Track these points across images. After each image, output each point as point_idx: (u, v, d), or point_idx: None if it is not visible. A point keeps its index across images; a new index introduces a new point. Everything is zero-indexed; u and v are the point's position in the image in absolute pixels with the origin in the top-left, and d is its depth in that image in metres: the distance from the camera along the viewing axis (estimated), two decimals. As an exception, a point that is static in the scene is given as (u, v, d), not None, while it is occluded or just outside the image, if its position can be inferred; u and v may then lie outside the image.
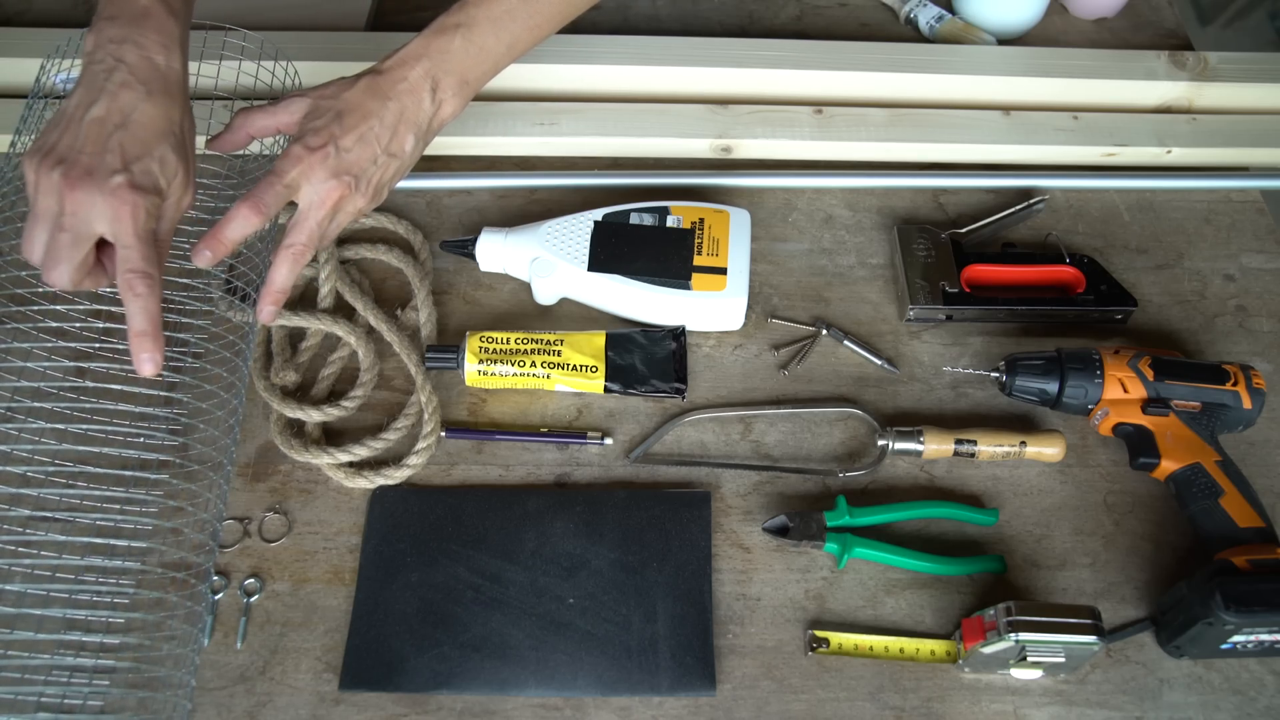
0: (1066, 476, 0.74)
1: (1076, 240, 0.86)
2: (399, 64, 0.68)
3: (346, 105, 0.65)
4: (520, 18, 0.71)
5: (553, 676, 0.64)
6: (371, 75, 0.67)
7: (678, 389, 0.76)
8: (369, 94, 0.66)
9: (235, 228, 0.61)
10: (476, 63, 0.70)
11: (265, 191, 0.62)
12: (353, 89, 0.66)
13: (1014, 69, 0.93)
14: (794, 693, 0.65)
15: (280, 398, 0.74)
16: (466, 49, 0.69)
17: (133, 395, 0.66)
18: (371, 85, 0.67)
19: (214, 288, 0.75)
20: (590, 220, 0.80)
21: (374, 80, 0.67)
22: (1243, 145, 0.91)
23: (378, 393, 0.77)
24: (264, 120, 0.67)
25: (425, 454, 0.72)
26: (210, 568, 0.66)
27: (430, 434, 0.73)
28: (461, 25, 0.69)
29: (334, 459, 0.72)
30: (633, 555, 0.68)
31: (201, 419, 0.69)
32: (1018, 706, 0.64)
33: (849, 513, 0.69)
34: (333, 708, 0.64)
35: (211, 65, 0.73)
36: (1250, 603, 0.60)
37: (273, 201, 0.62)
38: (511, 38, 0.71)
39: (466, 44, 0.69)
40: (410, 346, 0.77)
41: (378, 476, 0.72)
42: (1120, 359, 0.73)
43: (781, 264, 0.84)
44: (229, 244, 0.61)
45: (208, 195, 0.72)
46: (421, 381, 0.75)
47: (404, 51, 0.68)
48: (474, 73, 0.70)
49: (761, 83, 0.92)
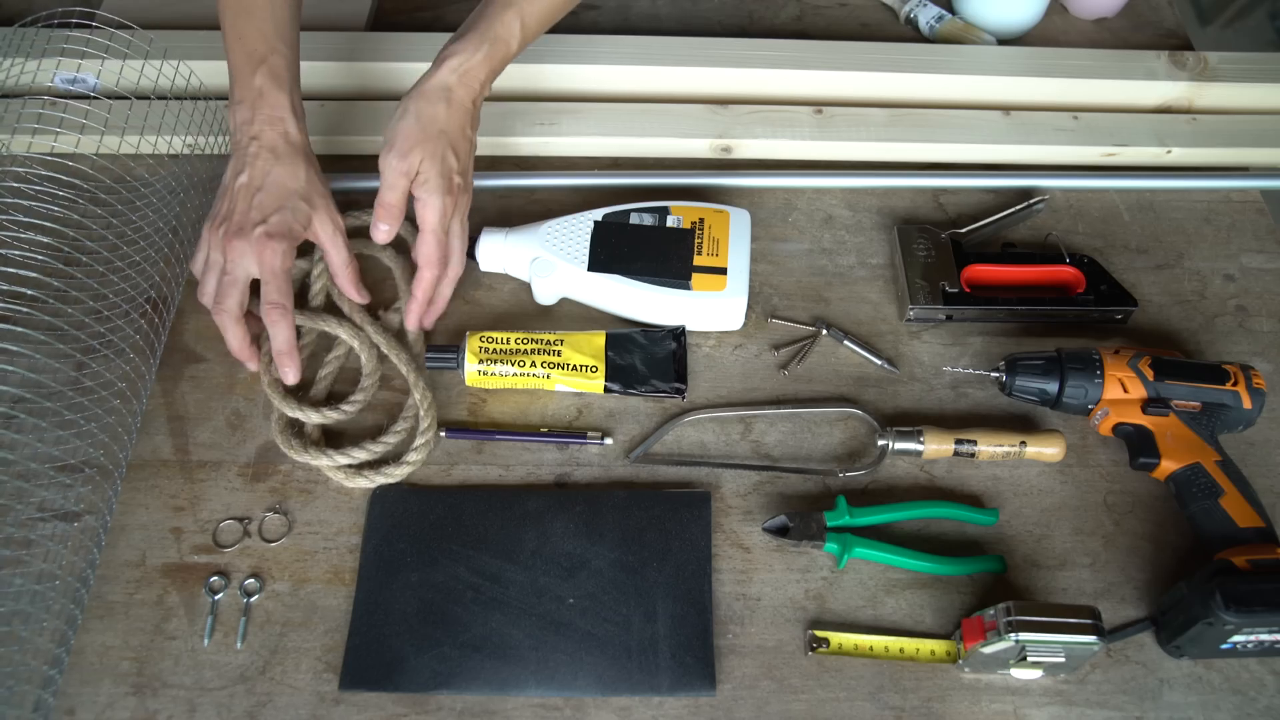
0: (1066, 476, 0.74)
1: (1076, 240, 0.86)
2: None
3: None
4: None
5: (553, 676, 0.64)
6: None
7: (678, 389, 0.76)
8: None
9: (440, 289, 0.78)
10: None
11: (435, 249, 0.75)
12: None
13: (1014, 69, 0.93)
14: (794, 693, 0.65)
15: (281, 395, 0.74)
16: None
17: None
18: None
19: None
20: (590, 220, 0.80)
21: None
22: (1243, 145, 0.91)
23: (377, 393, 0.77)
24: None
25: (423, 451, 0.72)
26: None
27: (427, 431, 0.73)
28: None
29: (333, 461, 0.72)
30: (633, 555, 0.68)
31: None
32: (1018, 706, 0.64)
33: (849, 513, 0.69)
34: (333, 708, 0.64)
35: (115, 63, 0.79)
36: (1250, 603, 0.60)
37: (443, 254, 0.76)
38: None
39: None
40: (399, 346, 0.77)
41: (378, 475, 0.72)
42: (1120, 359, 0.73)
43: (781, 264, 0.84)
44: (441, 306, 0.79)
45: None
46: (415, 379, 0.75)
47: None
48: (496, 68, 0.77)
49: (761, 83, 0.93)
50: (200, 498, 0.72)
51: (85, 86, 0.88)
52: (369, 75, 0.92)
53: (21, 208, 0.70)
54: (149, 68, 0.81)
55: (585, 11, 1.01)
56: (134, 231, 0.78)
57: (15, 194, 0.71)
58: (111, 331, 0.73)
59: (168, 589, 0.68)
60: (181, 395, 0.76)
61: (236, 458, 0.73)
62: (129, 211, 0.79)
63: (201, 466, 0.73)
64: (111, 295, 0.74)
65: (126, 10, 0.87)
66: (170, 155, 0.85)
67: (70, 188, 0.75)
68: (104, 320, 0.74)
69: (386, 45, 0.94)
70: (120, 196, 0.80)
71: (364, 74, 0.92)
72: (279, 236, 0.71)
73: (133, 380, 0.73)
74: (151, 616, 0.67)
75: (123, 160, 0.82)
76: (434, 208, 0.73)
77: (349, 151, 0.90)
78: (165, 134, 0.83)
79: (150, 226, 0.79)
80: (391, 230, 0.75)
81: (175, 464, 0.73)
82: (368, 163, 0.89)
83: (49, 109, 0.82)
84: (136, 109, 0.84)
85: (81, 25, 0.79)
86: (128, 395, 0.72)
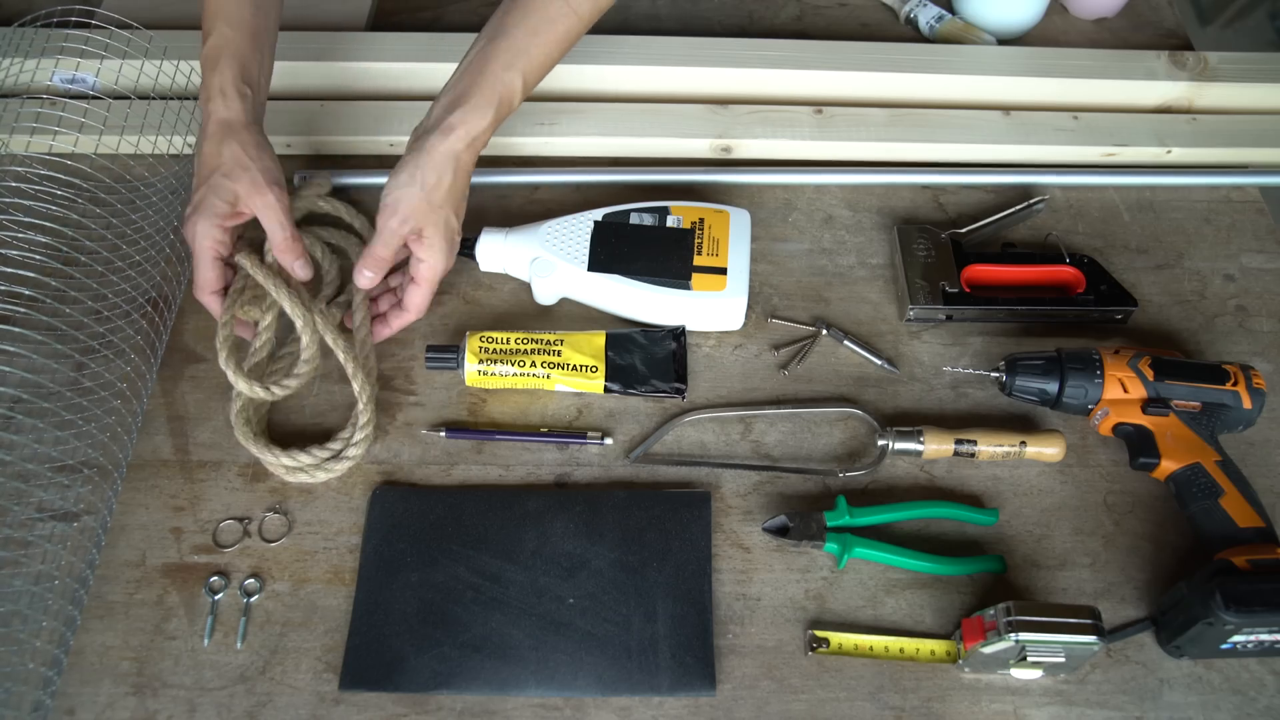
0: (1066, 476, 0.74)
1: (1076, 240, 0.86)
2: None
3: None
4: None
5: (553, 676, 0.64)
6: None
7: (678, 389, 0.76)
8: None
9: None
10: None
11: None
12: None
13: (1014, 69, 0.93)
14: (794, 693, 0.65)
15: (226, 338, 0.72)
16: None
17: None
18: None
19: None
20: (590, 220, 0.80)
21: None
22: (1243, 145, 0.91)
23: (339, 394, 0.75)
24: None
25: (363, 445, 0.72)
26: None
27: (367, 425, 0.72)
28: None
29: (275, 459, 0.71)
30: (633, 555, 0.68)
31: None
32: (1018, 706, 0.64)
33: (849, 513, 0.69)
34: (333, 708, 0.64)
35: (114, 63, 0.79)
36: (1250, 603, 0.60)
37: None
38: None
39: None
40: (336, 331, 0.74)
41: (319, 471, 0.71)
42: (1120, 359, 0.73)
43: (781, 264, 0.84)
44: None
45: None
46: (353, 370, 0.73)
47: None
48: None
49: (761, 83, 0.92)
50: (200, 498, 0.72)
51: (84, 85, 0.88)
52: (369, 75, 0.92)
53: (21, 207, 0.70)
54: (149, 66, 0.81)
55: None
56: (134, 231, 0.78)
57: (14, 193, 0.71)
58: (112, 332, 0.73)
59: (168, 589, 0.68)
60: (181, 395, 0.76)
61: (236, 458, 0.73)
62: (129, 211, 0.80)
63: (201, 466, 0.73)
64: (111, 295, 0.74)
65: (126, 10, 0.87)
66: (170, 155, 0.85)
67: (70, 187, 0.75)
68: (104, 320, 0.74)
69: (387, 45, 0.94)
70: (120, 196, 0.80)
71: (364, 74, 0.92)
72: (195, 215, 0.71)
73: (133, 380, 0.73)
74: (151, 616, 0.67)
75: (122, 160, 0.82)
76: (434, 267, 0.74)
77: (349, 151, 0.90)
78: (165, 133, 0.83)
79: (150, 226, 0.79)
80: (375, 279, 0.75)
81: (175, 464, 0.73)
82: (366, 162, 0.89)
83: (48, 108, 0.82)
84: (136, 108, 0.84)
85: (81, 24, 0.79)
86: (128, 395, 0.72)
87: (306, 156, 0.90)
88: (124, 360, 0.73)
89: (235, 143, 0.72)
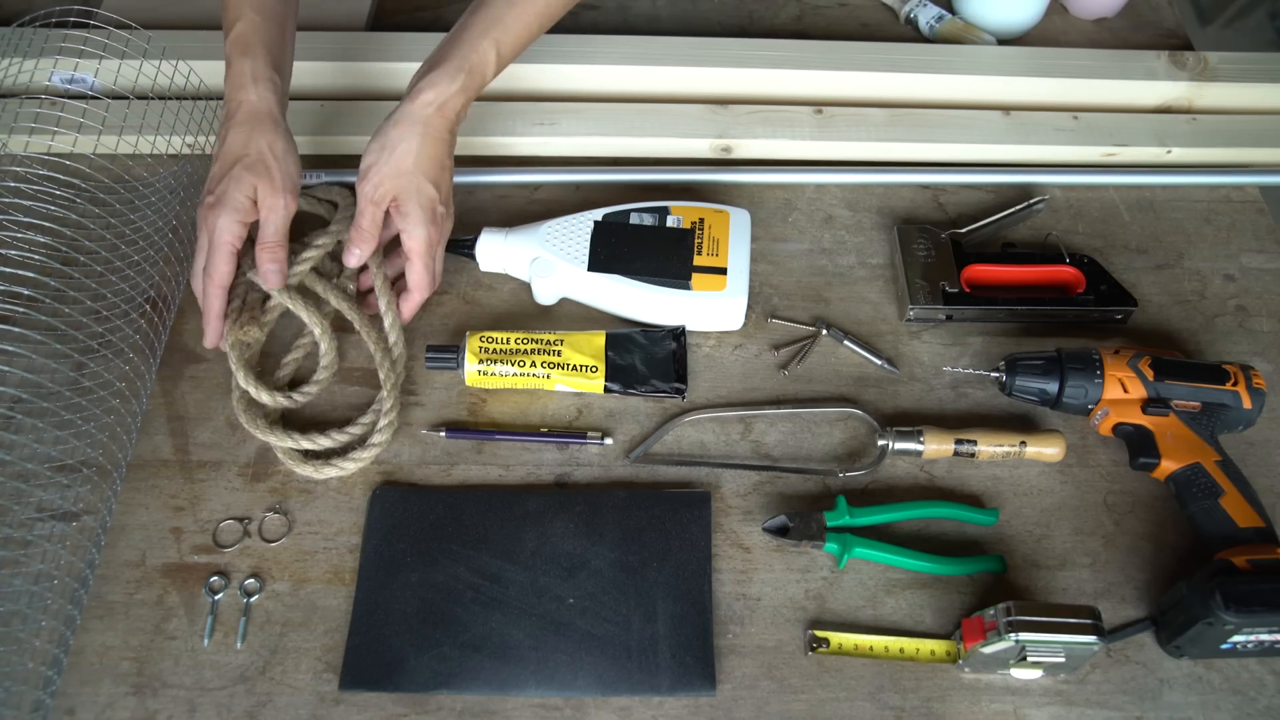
0: (1066, 476, 0.74)
1: (1076, 240, 0.86)
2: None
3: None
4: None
5: (553, 676, 0.64)
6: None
7: (678, 389, 0.76)
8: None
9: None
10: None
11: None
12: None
13: (1014, 69, 0.93)
14: (794, 693, 0.65)
15: (239, 358, 0.73)
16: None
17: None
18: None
19: None
20: (590, 220, 0.80)
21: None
22: (1243, 145, 0.91)
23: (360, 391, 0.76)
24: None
25: (388, 431, 0.72)
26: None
27: (390, 412, 0.72)
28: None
29: (295, 443, 0.71)
30: (633, 555, 0.68)
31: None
32: (1018, 706, 0.64)
33: (849, 513, 0.69)
34: (333, 708, 0.64)
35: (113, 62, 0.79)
36: (1250, 603, 0.60)
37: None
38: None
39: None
40: (369, 325, 0.76)
41: (346, 462, 0.71)
42: (1120, 359, 0.73)
43: (781, 264, 0.84)
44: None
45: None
46: (380, 358, 0.74)
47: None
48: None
49: (761, 83, 0.92)
50: (200, 498, 0.72)
51: (83, 85, 0.88)
52: (369, 75, 0.92)
53: (20, 207, 0.70)
54: (148, 67, 0.81)
55: (585, 11, 1.01)
56: (133, 231, 0.78)
57: (14, 193, 0.71)
58: (111, 332, 0.73)
59: (168, 589, 0.68)
60: (181, 395, 0.76)
61: (236, 458, 0.73)
62: (128, 211, 0.79)
63: (201, 466, 0.73)
64: (111, 295, 0.74)
65: (126, 10, 0.87)
66: (170, 155, 0.85)
67: (69, 187, 0.75)
68: (103, 320, 0.74)
69: (386, 45, 0.94)
70: (120, 196, 0.80)
71: (364, 74, 0.92)
72: (218, 207, 0.70)
73: (132, 380, 0.73)
74: (151, 616, 0.67)
75: (122, 160, 0.82)
76: (419, 238, 0.74)
77: (348, 151, 0.89)
78: (165, 133, 0.83)
79: (150, 226, 0.79)
80: (363, 255, 0.76)
81: (175, 464, 0.73)
82: (367, 162, 0.89)
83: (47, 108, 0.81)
84: (135, 108, 0.84)
85: (80, 25, 0.79)
86: (127, 395, 0.72)
87: (306, 156, 0.89)
88: (123, 360, 0.73)
89: (263, 137, 0.72)
